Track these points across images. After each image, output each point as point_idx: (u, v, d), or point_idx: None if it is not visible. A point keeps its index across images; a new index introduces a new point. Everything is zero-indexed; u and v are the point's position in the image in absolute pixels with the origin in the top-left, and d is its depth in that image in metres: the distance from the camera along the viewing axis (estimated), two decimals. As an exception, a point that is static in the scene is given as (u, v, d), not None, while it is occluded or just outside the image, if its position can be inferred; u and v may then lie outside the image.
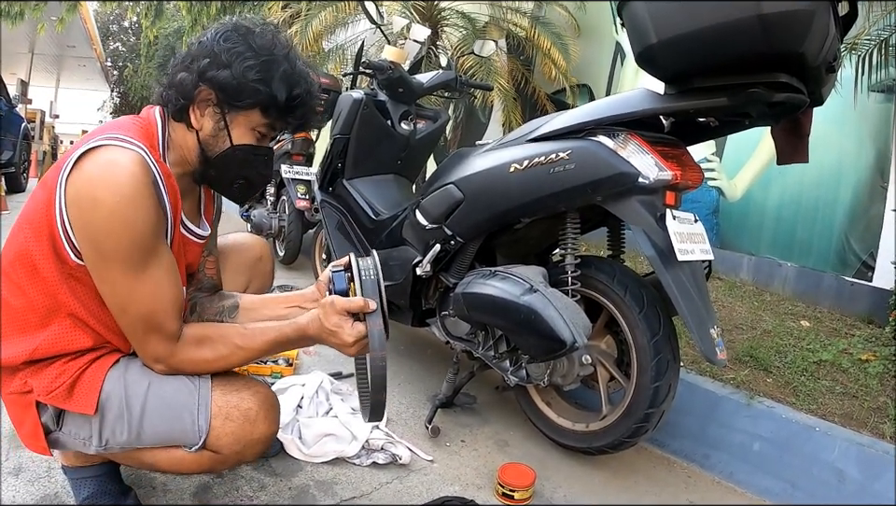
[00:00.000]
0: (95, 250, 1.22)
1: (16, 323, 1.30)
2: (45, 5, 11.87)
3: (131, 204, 1.19)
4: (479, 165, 2.14)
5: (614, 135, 1.84)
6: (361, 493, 1.84)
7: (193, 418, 1.31)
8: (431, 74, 3.10)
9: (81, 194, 1.19)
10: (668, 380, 1.89)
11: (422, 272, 2.33)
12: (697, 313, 1.74)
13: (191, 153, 1.38)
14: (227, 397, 1.34)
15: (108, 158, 1.20)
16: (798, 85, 1.61)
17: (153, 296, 1.26)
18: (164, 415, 1.32)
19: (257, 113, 1.35)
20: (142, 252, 1.23)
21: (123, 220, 1.19)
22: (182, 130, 1.38)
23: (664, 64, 1.73)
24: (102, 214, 1.18)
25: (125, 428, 1.32)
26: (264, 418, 1.36)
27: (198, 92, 1.32)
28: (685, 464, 2.24)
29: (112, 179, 1.18)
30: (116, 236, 1.19)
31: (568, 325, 1.77)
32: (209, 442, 1.32)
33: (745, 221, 4.36)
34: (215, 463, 1.38)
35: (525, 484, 1.87)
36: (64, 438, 1.36)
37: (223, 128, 1.35)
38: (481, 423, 2.40)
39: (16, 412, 1.36)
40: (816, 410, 2.22)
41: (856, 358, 2.75)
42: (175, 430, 1.32)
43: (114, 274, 1.23)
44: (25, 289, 1.28)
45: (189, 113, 1.35)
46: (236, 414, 1.33)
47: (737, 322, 3.17)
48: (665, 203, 1.81)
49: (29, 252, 1.27)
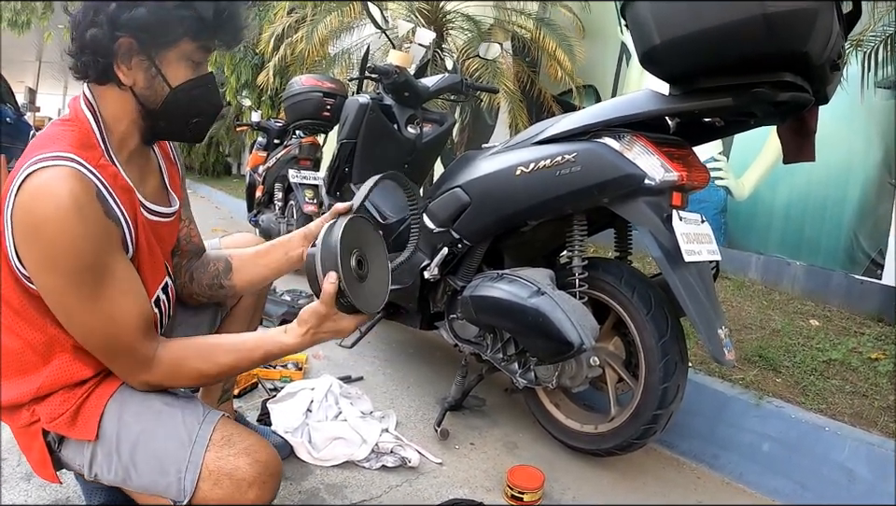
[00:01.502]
0: (45, 279, 1.15)
1: (17, 365, 1.26)
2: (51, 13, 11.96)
3: (69, 226, 1.10)
4: (485, 168, 2.15)
5: (620, 137, 1.84)
6: (371, 496, 1.84)
7: (180, 477, 1.20)
8: (437, 77, 3.11)
9: (22, 227, 1.12)
10: (677, 381, 1.89)
11: (430, 275, 2.33)
12: (705, 313, 1.74)
13: (132, 115, 1.26)
14: (221, 462, 1.21)
15: (39, 183, 1.10)
16: (803, 84, 1.61)
17: (112, 319, 1.18)
18: (151, 466, 1.23)
19: (187, 42, 1.22)
20: (92, 273, 1.15)
21: (65, 244, 1.10)
22: (113, 95, 1.24)
23: (668, 65, 1.73)
24: (42, 243, 1.11)
25: (113, 469, 1.25)
26: (258, 491, 1.20)
27: (118, 45, 1.18)
28: (694, 465, 2.24)
29: (45, 205, 1.09)
30: (61, 262, 1.11)
31: (576, 327, 1.77)
32: (194, 501, 1.22)
33: (753, 220, 4.34)
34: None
35: (534, 487, 1.87)
36: (65, 460, 1.32)
37: (156, 74, 1.23)
38: (490, 425, 2.40)
39: (25, 441, 1.32)
40: (825, 409, 2.21)
41: (866, 356, 2.74)
42: (159, 484, 1.22)
43: (68, 302, 1.16)
44: (18, 331, 1.24)
45: (114, 72, 1.21)
46: (227, 483, 1.20)
47: (746, 322, 3.16)
48: (672, 203, 1.81)
49: (7, 295, 1.23)
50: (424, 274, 2.36)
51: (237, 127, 7.78)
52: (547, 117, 2.30)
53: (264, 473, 1.21)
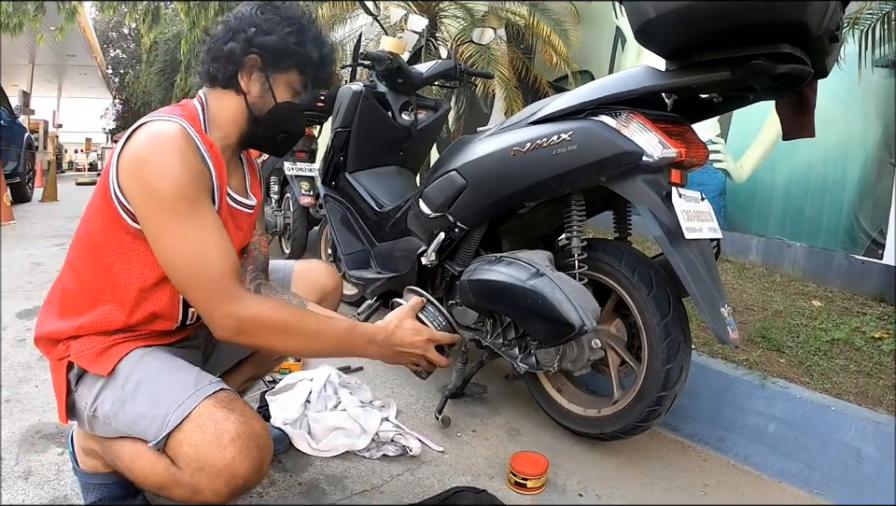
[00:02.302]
0: (144, 204, 1.31)
1: (69, 305, 1.44)
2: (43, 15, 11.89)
3: (171, 158, 1.31)
4: (480, 151, 2.12)
5: (616, 114, 1.81)
6: (372, 486, 1.82)
7: (168, 411, 1.27)
8: (430, 63, 3.08)
9: (131, 158, 1.32)
10: (680, 362, 1.86)
11: (427, 261, 2.31)
12: (707, 292, 1.71)
13: (239, 117, 1.52)
14: (213, 409, 1.27)
15: (151, 129, 1.35)
16: (802, 56, 1.58)
17: (201, 246, 1.33)
18: (148, 399, 1.32)
19: (294, 72, 1.52)
20: (187, 203, 1.32)
21: (166, 172, 1.30)
22: (229, 98, 1.51)
23: (663, 39, 1.69)
24: (147, 169, 1.30)
25: (112, 399, 1.35)
26: (238, 451, 1.23)
27: (247, 59, 1.47)
28: (699, 447, 2.22)
29: (154, 141, 1.32)
30: (161, 186, 1.29)
31: (577, 308, 1.74)
32: (171, 443, 1.26)
33: (752, 202, 4.33)
34: (168, 479, 1.29)
35: (538, 473, 1.85)
36: (76, 400, 1.42)
37: (268, 89, 1.51)
38: (491, 412, 2.38)
39: (56, 378, 1.45)
40: (830, 389, 2.20)
41: (869, 336, 2.72)
42: (147, 416, 1.29)
43: (162, 225, 1.31)
44: (81, 274, 1.42)
45: (237, 79, 1.49)
46: (211, 429, 1.24)
47: (748, 303, 3.15)
48: (671, 181, 1.78)
49: (90, 233, 1.42)
50: (421, 261, 2.34)
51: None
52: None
53: (250, 437, 1.26)
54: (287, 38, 1.47)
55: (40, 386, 2.30)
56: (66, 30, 12.90)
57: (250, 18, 1.48)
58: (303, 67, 1.53)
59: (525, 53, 6.04)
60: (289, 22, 1.49)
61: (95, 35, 19.90)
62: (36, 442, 1.92)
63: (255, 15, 1.48)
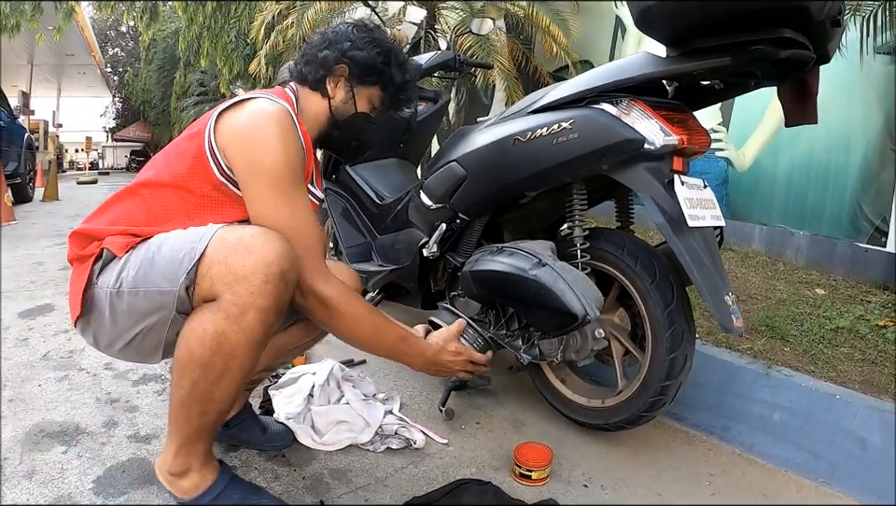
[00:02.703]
0: (250, 166, 1.45)
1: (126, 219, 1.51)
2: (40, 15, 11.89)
3: (285, 134, 1.47)
4: (480, 141, 2.11)
5: (617, 102, 1.80)
6: (376, 479, 1.81)
7: (194, 245, 1.34)
8: (429, 54, 3.06)
9: (239, 126, 1.47)
10: (684, 351, 1.85)
11: (429, 253, 2.30)
12: (711, 280, 1.70)
13: (321, 117, 1.70)
14: (226, 230, 1.37)
15: (264, 103, 1.51)
16: (803, 41, 1.56)
17: (297, 218, 1.47)
18: (174, 246, 1.38)
19: (377, 89, 1.73)
20: (290, 177, 1.47)
21: (281, 146, 1.46)
22: (316, 98, 1.70)
23: (664, 26, 1.68)
24: (262, 136, 1.45)
25: (138, 263, 1.40)
26: (261, 242, 1.32)
27: (337, 67, 1.66)
28: (704, 437, 2.21)
29: (270, 114, 1.48)
30: (271, 156, 1.44)
31: (579, 298, 1.73)
32: (200, 281, 1.32)
33: (755, 191, 4.32)
34: (219, 316, 1.31)
35: (543, 464, 1.84)
36: (96, 290, 1.45)
37: (351, 98, 1.70)
38: (495, 404, 2.37)
39: (74, 279, 1.49)
40: (835, 377, 2.19)
41: (873, 324, 2.71)
42: (175, 260, 1.35)
43: (263, 190, 1.45)
44: (150, 201, 1.52)
45: (325, 83, 1.68)
46: (231, 239, 1.33)
47: (752, 292, 3.14)
48: (673, 168, 1.77)
49: (172, 172, 1.51)
50: (423, 253, 2.33)
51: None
52: (543, 92, 2.26)
53: (266, 231, 1.36)
54: (376, 57, 1.67)
55: (43, 386, 2.30)
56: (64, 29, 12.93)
57: (346, 33, 1.68)
58: (385, 85, 1.72)
59: (525, 44, 6.03)
60: (380, 45, 1.69)
61: (93, 34, 19.89)
62: (40, 440, 1.91)
63: (350, 32, 1.69)
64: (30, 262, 4.63)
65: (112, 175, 23.39)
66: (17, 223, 6.79)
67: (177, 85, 18.57)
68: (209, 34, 11.82)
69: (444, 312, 2.00)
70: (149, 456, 1.85)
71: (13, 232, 6.14)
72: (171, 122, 20.37)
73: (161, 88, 21.28)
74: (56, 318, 3.14)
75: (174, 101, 19.06)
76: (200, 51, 12.80)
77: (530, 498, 1.74)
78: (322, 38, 1.71)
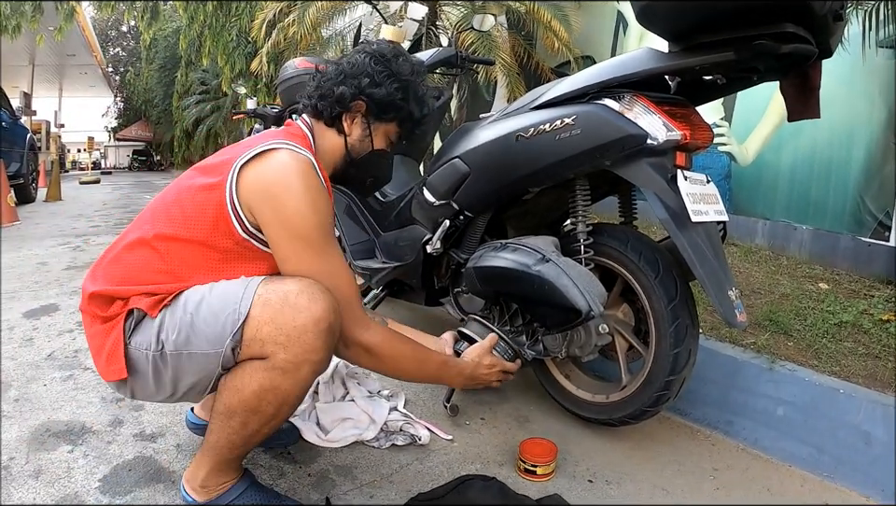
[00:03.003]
0: (282, 228, 1.42)
1: (144, 275, 1.45)
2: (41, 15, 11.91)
3: (316, 193, 1.44)
4: (483, 137, 2.11)
5: (619, 97, 1.80)
6: (381, 476, 1.82)
7: (236, 306, 1.34)
8: (431, 51, 3.05)
9: (265, 182, 1.42)
10: (688, 346, 1.85)
11: (432, 249, 2.30)
12: (714, 275, 1.70)
13: (336, 155, 1.66)
14: (270, 285, 1.38)
15: (290, 157, 1.44)
16: (805, 35, 1.56)
17: (334, 273, 1.46)
18: (214, 308, 1.37)
19: (394, 125, 1.68)
20: (323, 235, 1.45)
21: (311, 204, 1.42)
22: (331, 135, 1.65)
23: (666, 21, 1.68)
24: (293, 196, 1.40)
25: (177, 326, 1.38)
26: (307, 299, 1.34)
27: (354, 104, 1.60)
28: (708, 432, 2.21)
29: (300, 171, 1.43)
30: (301, 216, 1.41)
31: (583, 293, 1.74)
32: (247, 340, 1.33)
33: (758, 186, 4.30)
34: (269, 374, 1.35)
35: (548, 459, 1.84)
36: (132, 351, 1.41)
37: (368, 135, 1.65)
38: (500, 400, 2.37)
39: (100, 339, 1.45)
40: (839, 372, 2.18)
41: (877, 318, 2.70)
42: (218, 323, 1.34)
43: (298, 249, 1.43)
44: (167, 256, 1.46)
45: (341, 120, 1.63)
46: (275, 299, 1.34)
47: (755, 287, 3.13)
48: (676, 164, 1.77)
49: (188, 225, 1.46)
50: (426, 249, 2.33)
51: (233, 115, 7.74)
52: (545, 88, 2.26)
53: (310, 284, 1.37)
54: (395, 93, 1.61)
55: (49, 385, 2.31)
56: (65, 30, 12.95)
57: (363, 67, 1.61)
58: (403, 121, 1.68)
59: (527, 39, 6.02)
60: (398, 79, 1.62)
61: (94, 34, 19.88)
62: (46, 440, 1.92)
63: (368, 65, 1.60)
64: (34, 263, 4.64)
65: (115, 174, 23.39)
66: (20, 224, 6.80)
67: (179, 84, 18.59)
68: (210, 32, 11.83)
69: (475, 323, 2.02)
70: (155, 455, 1.85)
71: (17, 233, 6.15)
72: (173, 121, 20.39)
73: (163, 87, 21.29)
74: (60, 318, 3.15)
75: (175, 100, 19.09)
76: (201, 50, 12.83)
77: (535, 493, 1.75)
78: (338, 71, 1.63)
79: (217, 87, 15.42)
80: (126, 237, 1.53)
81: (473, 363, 1.80)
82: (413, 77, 1.66)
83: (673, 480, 1.89)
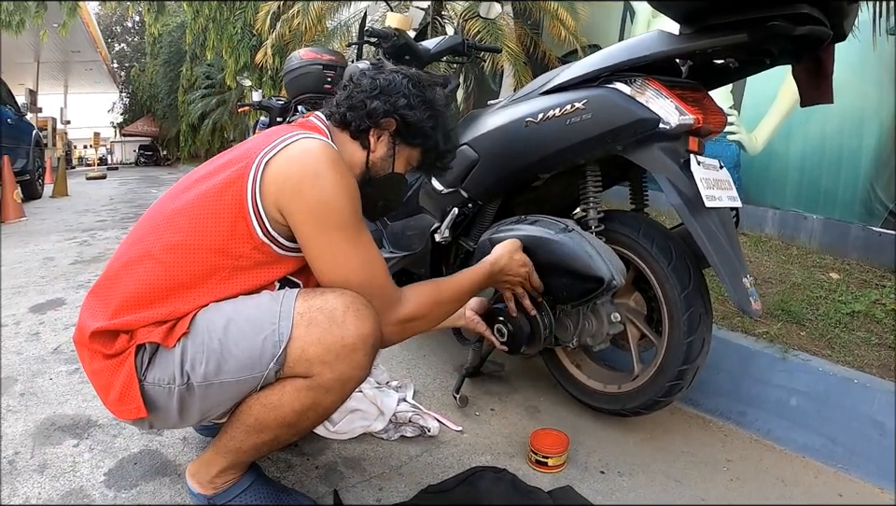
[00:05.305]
0: (316, 221, 1.35)
1: (149, 297, 1.36)
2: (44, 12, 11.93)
3: (348, 178, 1.39)
4: (492, 123, 2.08)
5: (631, 81, 1.77)
6: (390, 468, 1.80)
7: (275, 327, 1.30)
8: (437, 39, 3.03)
9: (299, 171, 1.34)
10: (701, 334, 1.82)
11: (441, 238, 2.28)
12: (729, 262, 1.67)
13: (355, 169, 1.55)
14: (309, 302, 1.33)
15: (315, 144, 1.39)
16: (820, 16, 1.53)
17: (369, 262, 1.42)
18: (245, 331, 1.31)
19: (418, 151, 1.63)
20: (357, 221, 1.40)
21: (345, 190, 1.36)
22: (353, 148, 1.57)
23: (678, 2, 1.64)
24: (325, 185, 1.34)
25: (205, 356, 1.30)
26: (354, 317, 1.31)
27: (385, 121, 1.54)
28: (721, 423, 2.18)
29: (328, 158, 1.36)
30: (338, 204, 1.35)
31: (606, 262, 1.71)
32: (291, 360, 1.30)
33: (767, 175, 4.26)
34: (314, 392, 1.32)
35: (559, 450, 1.82)
36: (149, 387, 1.33)
37: (391, 155, 1.59)
38: (509, 390, 2.35)
39: (106, 376, 1.36)
40: (852, 362, 2.15)
41: (889, 308, 2.67)
42: (255, 347, 1.29)
43: (335, 241, 1.37)
44: (172, 270, 1.36)
45: (368, 135, 1.56)
46: (320, 318, 1.30)
47: (766, 276, 3.10)
48: (689, 148, 1.74)
49: (196, 233, 1.37)
50: (435, 238, 2.31)
51: (239, 108, 7.73)
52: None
53: (355, 302, 1.34)
54: (426, 120, 1.57)
55: (54, 379, 2.31)
56: (69, 26, 12.98)
57: (400, 87, 1.55)
58: (427, 151, 1.63)
59: (533, 28, 5.99)
60: (432, 107, 1.58)
61: (99, 30, 19.90)
62: (52, 434, 1.92)
63: (405, 86, 1.56)
64: (40, 258, 4.65)
65: (121, 169, 23.44)
66: (27, 220, 6.82)
67: (184, 78, 18.60)
68: (215, 25, 11.85)
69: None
70: (161, 448, 1.84)
71: (23, 228, 6.17)
72: (178, 116, 20.42)
73: (168, 82, 21.30)
74: (66, 312, 3.15)
75: (180, 94, 19.13)
76: (206, 44, 12.84)
77: (546, 484, 1.73)
78: (372, 85, 1.56)
79: (222, 81, 15.43)
80: (124, 256, 1.44)
81: (503, 260, 1.76)
82: (444, 110, 1.64)
83: (686, 471, 1.87)
